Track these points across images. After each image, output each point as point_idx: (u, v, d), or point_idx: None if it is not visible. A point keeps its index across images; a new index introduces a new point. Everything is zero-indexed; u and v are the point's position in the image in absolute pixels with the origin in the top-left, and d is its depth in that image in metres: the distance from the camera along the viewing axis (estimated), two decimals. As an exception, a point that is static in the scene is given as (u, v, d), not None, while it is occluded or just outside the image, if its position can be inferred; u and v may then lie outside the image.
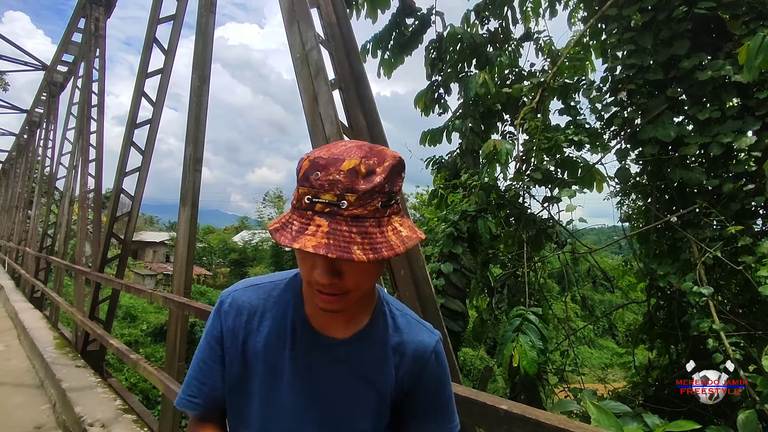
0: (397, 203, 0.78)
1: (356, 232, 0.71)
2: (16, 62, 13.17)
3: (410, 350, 0.92)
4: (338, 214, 0.72)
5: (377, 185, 0.73)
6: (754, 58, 2.79)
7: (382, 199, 0.74)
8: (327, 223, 0.71)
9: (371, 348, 0.91)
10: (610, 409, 2.06)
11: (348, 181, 0.72)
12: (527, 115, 4.91)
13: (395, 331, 0.93)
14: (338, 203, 0.71)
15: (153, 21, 5.30)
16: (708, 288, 3.53)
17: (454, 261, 4.89)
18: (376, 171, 0.74)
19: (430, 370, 0.93)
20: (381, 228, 0.74)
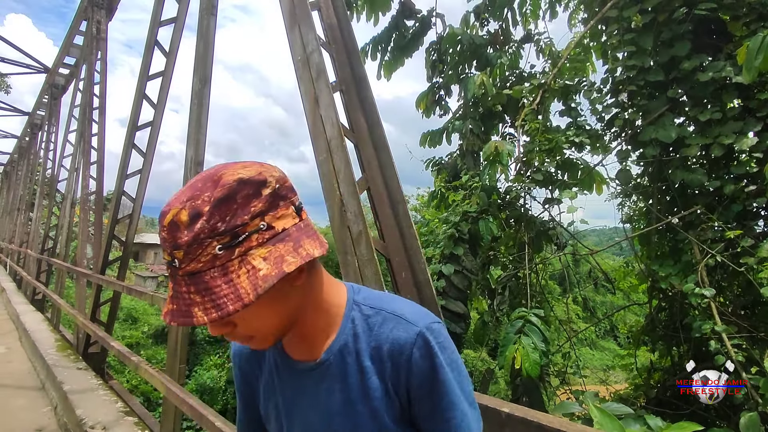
0: (257, 232, 0.67)
1: (194, 290, 0.64)
2: (18, 65, 13.22)
3: (386, 353, 0.79)
4: (177, 275, 0.65)
5: (201, 231, 0.63)
6: (754, 59, 2.79)
7: (220, 241, 0.64)
8: (172, 286, 0.66)
9: (345, 363, 0.81)
10: (612, 411, 2.05)
11: (171, 237, 0.64)
12: (528, 116, 4.91)
13: (368, 335, 0.81)
14: (173, 262, 0.65)
15: (154, 24, 5.31)
16: (710, 289, 3.52)
17: (456, 262, 4.89)
18: (201, 211, 0.64)
19: (417, 370, 0.77)
20: (228, 275, 0.64)
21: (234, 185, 0.66)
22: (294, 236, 0.71)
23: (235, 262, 0.65)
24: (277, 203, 0.70)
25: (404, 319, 0.80)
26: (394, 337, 0.79)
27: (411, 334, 0.78)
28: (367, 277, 2.09)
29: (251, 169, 0.69)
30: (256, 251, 0.66)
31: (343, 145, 2.30)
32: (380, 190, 2.36)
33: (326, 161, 2.35)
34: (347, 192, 2.24)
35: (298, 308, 0.78)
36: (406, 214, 2.29)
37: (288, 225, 0.71)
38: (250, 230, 0.66)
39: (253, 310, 0.69)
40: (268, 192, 0.69)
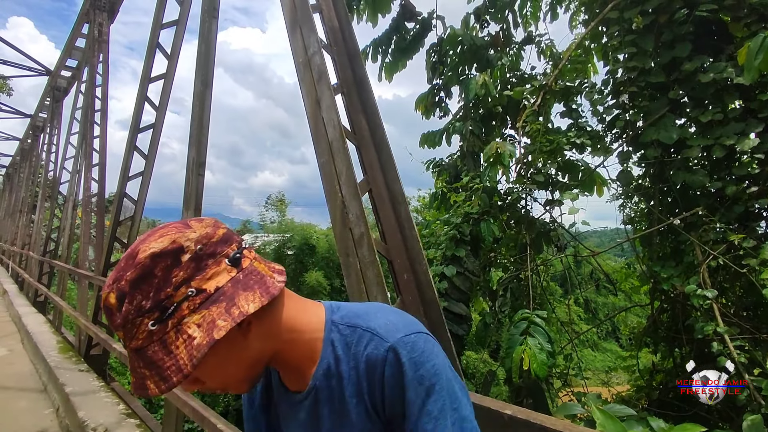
0: (187, 300, 0.66)
1: (143, 365, 0.66)
2: (20, 67, 13.28)
3: (362, 372, 0.76)
4: (128, 351, 0.68)
5: (128, 312, 0.65)
6: (754, 59, 2.79)
7: (150, 317, 0.65)
8: (129, 361, 0.69)
9: (330, 387, 0.80)
10: (615, 412, 2.05)
11: (109, 320, 0.67)
12: (529, 117, 4.91)
13: (347, 355, 0.78)
14: (122, 340, 0.68)
15: (156, 26, 5.33)
16: (712, 291, 3.51)
17: (457, 264, 4.89)
18: (125, 292, 0.65)
19: (388, 388, 0.74)
20: (168, 347, 0.65)
21: (147, 262, 0.66)
22: (228, 294, 0.69)
23: (172, 333, 0.66)
24: (202, 265, 0.69)
25: (377, 334, 0.77)
26: (367, 354, 0.76)
27: (381, 351, 0.75)
28: (368, 278, 2.09)
29: (165, 239, 0.68)
30: (190, 319, 0.66)
31: (344, 147, 2.30)
32: (382, 191, 2.36)
33: (328, 163, 2.35)
34: (349, 194, 2.24)
35: (264, 351, 0.77)
36: (408, 215, 2.29)
37: (222, 282, 0.69)
38: (178, 300, 0.66)
39: (210, 368, 0.70)
40: (188, 257, 0.68)
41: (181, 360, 0.64)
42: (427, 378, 0.73)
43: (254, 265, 0.75)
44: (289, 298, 0.82)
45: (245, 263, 0.74)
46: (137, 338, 0.66)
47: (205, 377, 0.72)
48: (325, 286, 26.87)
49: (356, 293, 2.11)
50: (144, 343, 0.66)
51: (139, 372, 0.66)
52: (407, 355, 0.74)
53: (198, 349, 0.64)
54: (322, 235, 29.08)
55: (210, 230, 0.72)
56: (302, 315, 0.82)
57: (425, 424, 0.73)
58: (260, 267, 0.76)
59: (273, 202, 39.86)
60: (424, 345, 0.76)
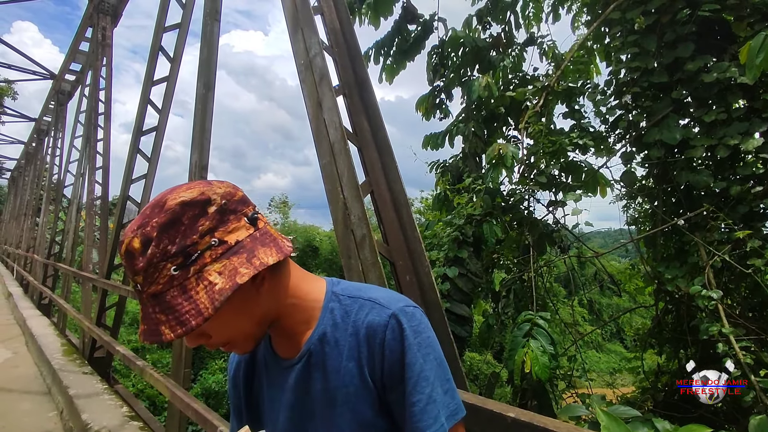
0: (210, 249, 0.69)
1: (159, 310, 0.67)
2: (24, 71, 13.37)
3: (362, 338, 0.79)
4: (143, 297, 0.69)
5: (153, 255, 0.67)
6: (755, 58, 2.77)
7: (174, 263, 0.68)
8: (141, 308, 0.70)
9: (324, 352, 0.82)
10: (620, 414, 2.03)
11: (129, 264, 0.68)
12: (531, 118, 4.90)
13: (346, 322, 0.82)
14: (137, 286, 0.69)
15: (159, 29, 5.35)
16: (717, 291, 3.49)
17: (460, 265, 4.88)
18: (151, 237, 0.67)
19: (388, 353, 0.77)
20: (188, 293, 0.67)
21: (177, 209, 0.69)
22: (248, 247, 0.73)
23: (192, 279, 0.68)
24: (226, 218, 0.72)
25: (378, 303, 0.81)
26: (368, 321, 0.80)
27: (384, 317, 0.79)
28: (371, 280, 2.09)
29: (194, 191, 0.71)
30: (211, 267, 0.69)
31: (346, 148, 2.30)
32: (384, 193, 2.36)
33: (329, 165, 2.35)
34: (351, 195, 2.24)
35: (270, 309, 0.81)
36: (410, 217, 2.29)
37: (242, 237, 0.73)
38: (202, 248, 0.69)
39: (221, 319, 0.72)
40: (214, 209, 0.71)
41: (201, 304, 0.67)
42: (425, 346, 0.78)
43: (267, 228, 0.80)
44: (294, 266, 0.87)
45: (260, 224, 0.78)
46: (158, 282, 0.68)
47: (215, 330, 0.74)
48: (328, 287, 26.79)
49: (358, 295, 2.11)
50: (164, 288, 0.68)
51: (153, 318, 0.68)
52: (407, 322, 0.78)
53: (221, 293, 0.67)
54: (325, 236, 29.11)
55: (232, 190, 0.77)
56: (305, 283, 0.87)
57: (423, 387, 0.76)
58: (272, 230, 0.81)
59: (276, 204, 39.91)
60: (421, 317, 0.81)
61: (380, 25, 6.50)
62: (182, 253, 0.68)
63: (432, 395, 0.77)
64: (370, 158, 2.43)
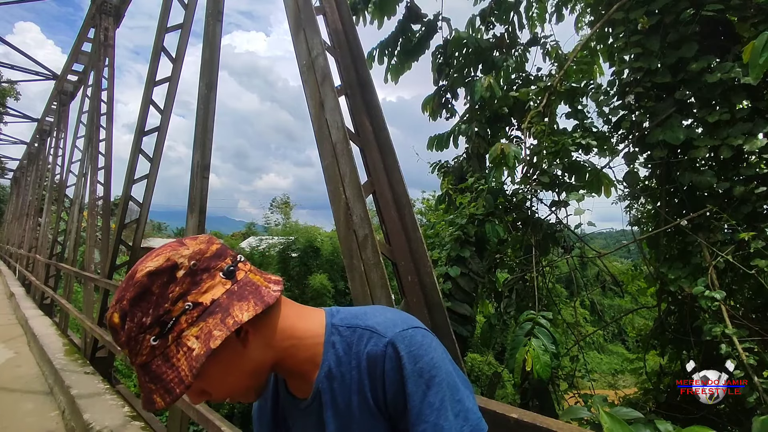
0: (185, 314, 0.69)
1: (148, 379, 0.68)
2: (27, 72, 13.39)
3: (364, 369, 0.78)
4: (136, 368, 0.71)
5: (130, 330, 0.68)
6: (758, 57, 2.75)
7: (152, 333, 0.68)
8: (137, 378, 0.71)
9: (333, 389, 0.81)
10: (622, 415, 2.02)
11: (114, 338, 0.70)
12: (534, 119, 4.89)
13: (349, 355, 0.80)
14: (129, 359, 0.71)
15: (161, 30, 5.36)
16: (720, 292, 3.47)
17: (462, 265, 4.87)
18: (127, 311, 0.68)
19: (389, 383, 0.75)
20: (170, 360, 0.68)
21: (145, 280, 0.69)
22: (224, 305, 0.72)
23: (173, 347, 0.69)
24: (198, 279, 0.72)
25: (376, 332, 0.78)
26: (368, 352, 0.77)
27: (381, 347, 0.76)
28: (373, 281, 2.08)
29: (160, 258, 0.71)
30: (188, 331, 0.69)
31: (348, 148, 2.29)
32: (386, 193, 2.35)
33: (332, 165, 2.35)
34: (353, 196, 2.23)
35: (265, 358, 0.79)
36: (412, 217, 2.28)
37: (218, 295, 0.72)
38: (177, 314, 0.69)
39: (212, 379, 0.73)
40: (183, 273, 0.71)
41: (182, 371, 0.67)
42: (427, 370, 0.75)
43: (249, 276, 0.78)
44: (287, 306, 0.84)
45: (240, 275, 0.77)
46: (141, 354, 0.69)
47: (210, 388, 0.75)
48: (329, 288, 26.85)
49: (360, 296, 2.10)
50: (148, 358, 0.69)
51: (146, 387, 0.69)
52: (405, 349, 0.75)
53: (197, 360, 0.67)
54: (327, 237, 29.08)
55: (203, 246, 0.75)
56: (301, 321, 0.84)
57: (428, 416, 0.73)
58: (255, 278, 0.79)
59: (278, 205, 39.96)
60: (422, 339, 0.77)
61: (383, 25, 6.50)
62: (158, 323, 0.68)
63: (438, 422, 0.73)
64: (373, 159, 2.43)
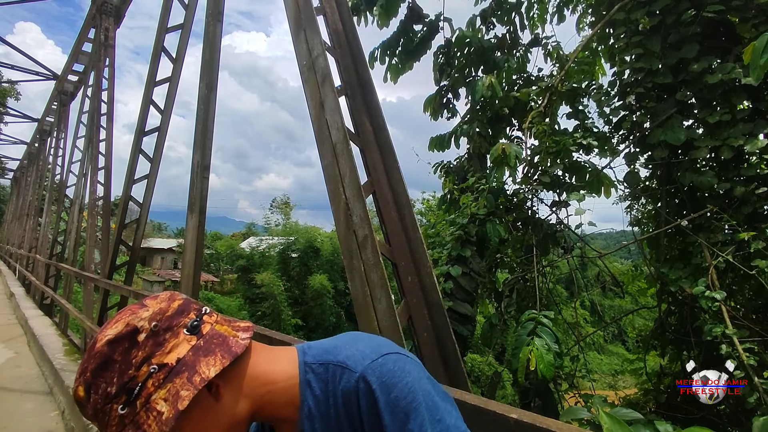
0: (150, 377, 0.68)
1: None
2: (28, 72, 13.39)
3: (341, 407, 0.76)
4: None
5: (96, 402, 0.67)
6: (759, 58, 2.75)
7: (119, 403, 0.67)
8: None
9: (316, 427, 0.79)
10: (622, 416, 2.02)
11: (81, 412, 0.68)
12: (535, 119, 4.89)
13: (326, 394, 0.78)
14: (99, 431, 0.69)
15: (161, 30, 5.36)
16: (721, 292, 3.47)
17: (463, 264, 4.86)
18: (91, 383, 0.67)
19: (366, 418, 0.74)
20: (141, 428, 0.66)
21: (105, 349, 0.68)
22: (190, 363, 0.71)
23: (142, 413, 0.67)
24: (161, 340, 0.70)
25: (347, 367, 0.76)
26: (342, 389, 0.76)
27: (353, 382, 0.74)
28: (373, 281, 2.08)
29: (119, 324, 0.70)
30: (156, 395, 0.68)
31: (348, 149, 2.29)
32: (386, 193, 2.35)
33: (332, 165, 2.35)
34: (353, 196, 2.23)
35: (241, 409, 0.77)
36: (412, 217, 2.28)
37: (183, 353, 0.71)
38: (142, 379, 0.68)
39: None
40: (144, 336, 0.70)
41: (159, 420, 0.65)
42: (402, 398, 0.73)
43: (216, 328, 0.77)
44: (258, 352, 0.82)
45: (206, 329, 0.75)
46: (110, 425, 0.67)
47: None
48: (329, 289, 26.87)
49: (360, 296, 2.10)
50: (118, 428, 0.66)
51: None
52: (377, 381, 0.73)
53: (166, 423, 0.66)
54: (327, 237, 29.09)
55: (164, 305, 0.74)
56: (274, 365, 0.82)
57: None
58: (222, 329, 0.78)
59: (278, 205, 40.10)
60: (393, 365, 0.75)
61: (388, 25, 6.48)
62: (124, 390, 0.67)
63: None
64: (372, 159, 2.43)
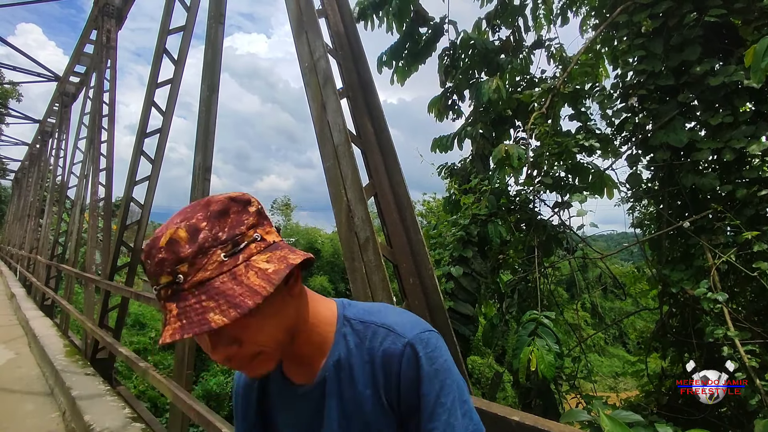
0: (254, 242, 0.71)
1: (206, 298, 0.65)
2: (29, 73, 13.42)
3: (378, 365, 0.80)
4: (181, 291, 0.66)
5: (204, 240, 0.68)
6: (761, 61, 2.75)
7: (223, 249, 0.68)
8: (175, 306, 0.66)
9: (340, 378, 0.82)
10: (623, 418, 2.02)
11: (171, 255, 0.67)
12: (537, 120, 4.89)
13: (360, 349, 0.82)
14: (175, 281, 0.67)
15: (163, 32, 5.37)
16: (722, 294, 3.46)
17: (465, 265, 4.86)
18: (199, 227, 0.68)
19: (405, 381, 0.78)
20: (237, 279, 0.67)
21: (226, 201, 0.72)
22: (282, 246, 0.76)
23: (241, 267, 0.68)
24: (263, 221, 0.76)
25: (394, 331, 0.81)
26: (384, 348, 0.80)
27: (399, 346, 0.79)
28: (374, 283, 2.08)
29: (236, 192, 0.75)
30: (257, 257, 0.71)
31: (350, 150, 2.29)
32: (387, 195, 2.35)
33: (333, 167, 2.35)
34: (354, 198, 2.23)
35: (298, 320, 0.80)
36: (414, 219, 2.28)
37: (276, 239, 0.76)
38: (248, 240, 0.71)
39: (258, 321, 0.71)
40: (254, 210, 0.75)
41: (256, 285, 0.67)
42: (441, 372, 0.78)
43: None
44: (307, 288, 0.87)
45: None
46: (206, 269, 0.67)
47: (245, 335, 0.72)
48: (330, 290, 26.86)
49: (362, 297, 2.10)
50: (212, 274, 0.67)
51: (196, 308, 0.65)
52: (423, 351, 0.78)
53: (276, 273, 0.69)
54: (327, 239, 29.10)
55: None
56: (319, 305, 0.87)
57: (440, 415, 0.77)
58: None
59: (278, 206, 40.09)
60: (436, 342, 0.81)
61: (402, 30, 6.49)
62: (231, 240, 0.69)
63: (450, 421, 0.77)
64: (374, 160, 2.43)
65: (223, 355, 0.71)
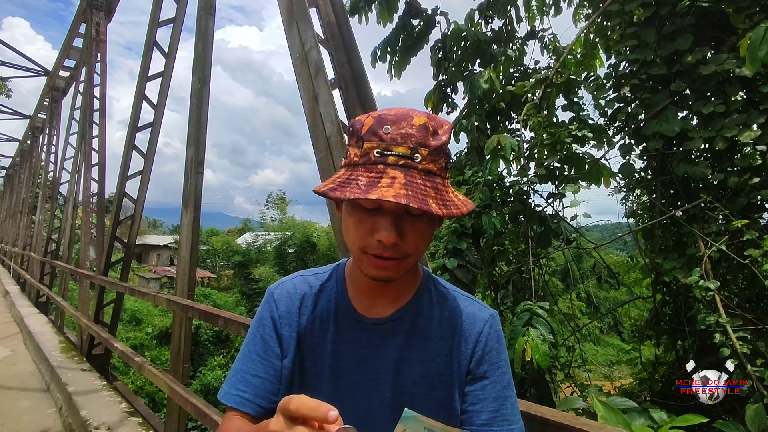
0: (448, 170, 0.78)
1: (430, 186, 0.71)
2: (18, 68, 13.23)
3: (459, 323, 0.85)
4: (413, 167, 0.71)
5: (443, 144, 0.74)
6: (758, 50, 2.76)
7: (445, 159, 0.76)
8: (402, 175, 0.70)
9: (415, 324, 0.85)
10: (617, 405, 2.03)
11: (420, 136, 0.72)
12: (530, 111, 4.88)
13: (442, 305, 0.88)
14: (412, 156, 0.72)
15: (153, 24, 5.31)
16: (714, 282, 3.50)
17: (459, 257, 4.88)
18: (439, 132, 0.75)
19: (484, 345, 0.84)
20: (447, 188, 0.75)
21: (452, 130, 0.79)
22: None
23: (447, 181, 0.76)
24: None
25: (477, 302, 0.91)
26: (469, 311, 0.87)
27: (485, 314, 0.88)
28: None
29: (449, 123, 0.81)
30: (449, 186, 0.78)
31: (342, 142, 2.29)
32: (381, 187, 2.35)
33: (326, 159, 2.34)
34: (348, 189, 2.23)
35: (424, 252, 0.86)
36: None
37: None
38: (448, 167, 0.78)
39: (428, 230, 0.79)
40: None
41: (456, 202, 0.74)
42: (504, 353, 0.87)
43: None
44: None
45: None
46: (436, 164, 0.74)
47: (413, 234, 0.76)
48: (326, 283, 26.80)
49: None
50: (437, 172, 0.74)
51: (422, 189, 0.70)
52: (498, 326, 0.88)
53: (465, 204, 0.75)
54: (323, 232, 29.07)
55: None
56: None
57: (504, 389, 0.84)
58: None
59: (274, 201, 40.00)
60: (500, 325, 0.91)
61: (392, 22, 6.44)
62: (448, 157, 0.77)
63: (511, 396, 0.84)
64: (367, 152, 2.42)
65: (395, 238, 0.74)
